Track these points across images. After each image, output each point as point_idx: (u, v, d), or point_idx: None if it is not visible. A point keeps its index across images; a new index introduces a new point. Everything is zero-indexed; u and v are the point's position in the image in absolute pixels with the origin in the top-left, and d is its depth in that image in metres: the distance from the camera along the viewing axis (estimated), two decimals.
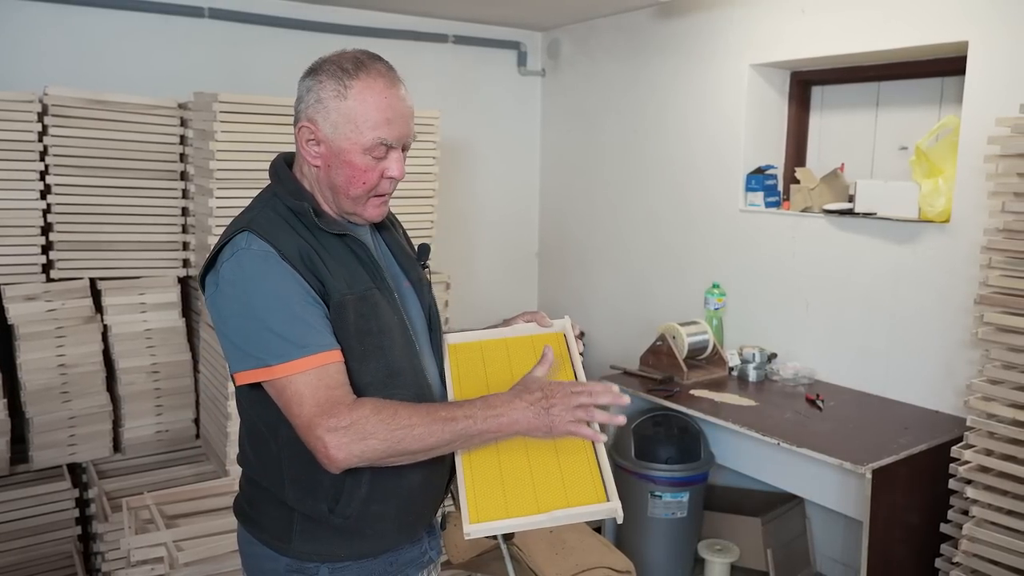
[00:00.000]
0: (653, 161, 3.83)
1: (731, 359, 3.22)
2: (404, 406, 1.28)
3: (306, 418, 1.25)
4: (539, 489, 1.30)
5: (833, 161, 3.29)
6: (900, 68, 3.04)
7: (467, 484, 1.31)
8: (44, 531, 2.73)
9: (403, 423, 1.25)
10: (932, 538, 2.46)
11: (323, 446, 1.23)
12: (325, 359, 1.28)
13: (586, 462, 1.33)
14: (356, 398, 1.28)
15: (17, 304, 2.72)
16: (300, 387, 1.26)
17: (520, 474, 1.32)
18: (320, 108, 1.35)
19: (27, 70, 3.10)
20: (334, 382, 1.28)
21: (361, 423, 1.23)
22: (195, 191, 2.95)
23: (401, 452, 1.26)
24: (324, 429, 1.23)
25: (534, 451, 1.35)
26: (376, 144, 1.35)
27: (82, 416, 2.83)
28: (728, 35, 3.39)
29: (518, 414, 1.28)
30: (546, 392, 1.30)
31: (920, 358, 2.82)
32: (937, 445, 2.48)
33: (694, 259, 3.66)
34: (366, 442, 1.23)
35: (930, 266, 2.77)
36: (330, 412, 1.24)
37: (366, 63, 1.36)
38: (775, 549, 3.08)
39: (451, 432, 1.27)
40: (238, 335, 1.31)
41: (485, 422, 1.27)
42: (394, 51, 3.89)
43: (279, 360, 1.26)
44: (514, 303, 4.55)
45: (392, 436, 1.24)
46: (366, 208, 1.41)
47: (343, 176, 1.37)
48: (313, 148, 1.38)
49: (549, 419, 1.28)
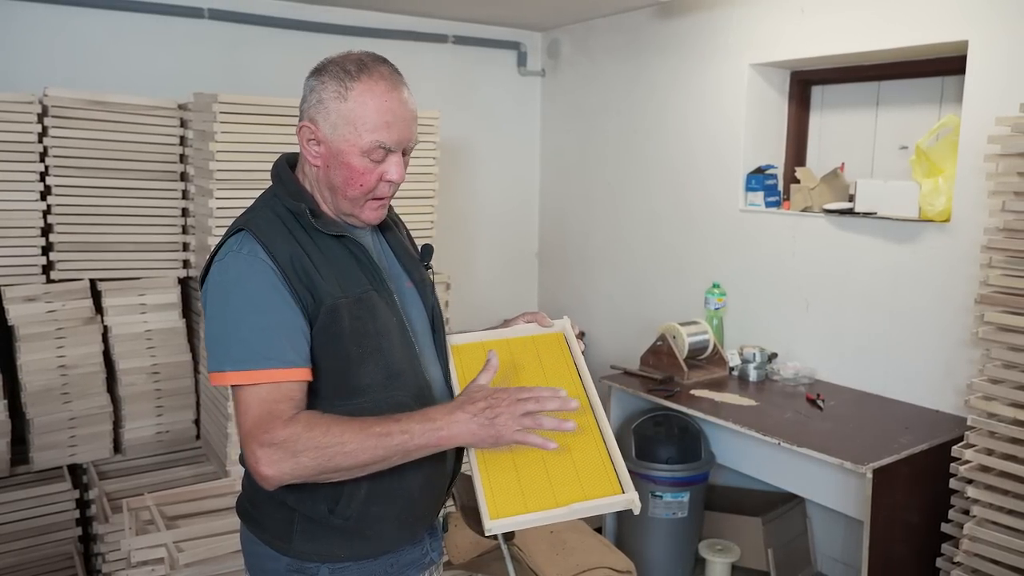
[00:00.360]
0: (653, 161, 3.83)
1: (731, 359, 3.22)
2: (339, 422, 1.25)
3: (245, 430, 1.25)
4: (555, 483, 1.31)
5: (833, 161, 3.29)
6: (900, 68, 3.04)
7: (483, 481, 1.31)
8: (45, 532, 2.73)
9: (335, 440, 1.23)
10: (933, 538, 2.46)
11: (255, 461, 1.22)
12: (283, 375, 1.28)
13: (598, 455, 1.35)
14: (295, 414, 1.26)
15: (17, 305, 2.72)
16: (249, 398, 1.26)
17: (535, 469, 1.33)
18: (321, 108, 1.35)
19: (27, 71, 3.10)
20: (284, 396, 1.27)
21: (293, 440, 1.22)
22: (195, 192, 2.95)
23: (334, 469, 1.24)
24: (257, 444, 1.22)
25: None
26: (374, 147, 1.34)
27: (82, 417, 2.83)
28: (728, 35, 3.39)
29: (459, 427, 1.26)
30: (491, 401, 1.28)
31: (921, 357, 2.82)
32: (938, 445, 2.48)
33: (694, 259, 3.66)
34: (297, 459, 1.22)
35: (930, 265, 2.77)
36: (265, 427, 1.23)
37: (369, 65, 1.35)
38: (776, 549, 3.08)
39: (386, 448, 1.24)
40: (211, 336, 1.33)
41: (423, 436, 1.25)
42: (394, 51, 3.89)
43: (236, 367, 1.27)
44: (514, 303, 4.56)
45: (323, 454, 1.22)
46: (364, 210, 1.41)
47: (341, 177, 1.37)
48: (313, 148, 1.38)
49: (495, 429, 1.26)
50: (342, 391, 1.36)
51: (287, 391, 1.28)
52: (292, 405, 1.27)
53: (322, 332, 1.34)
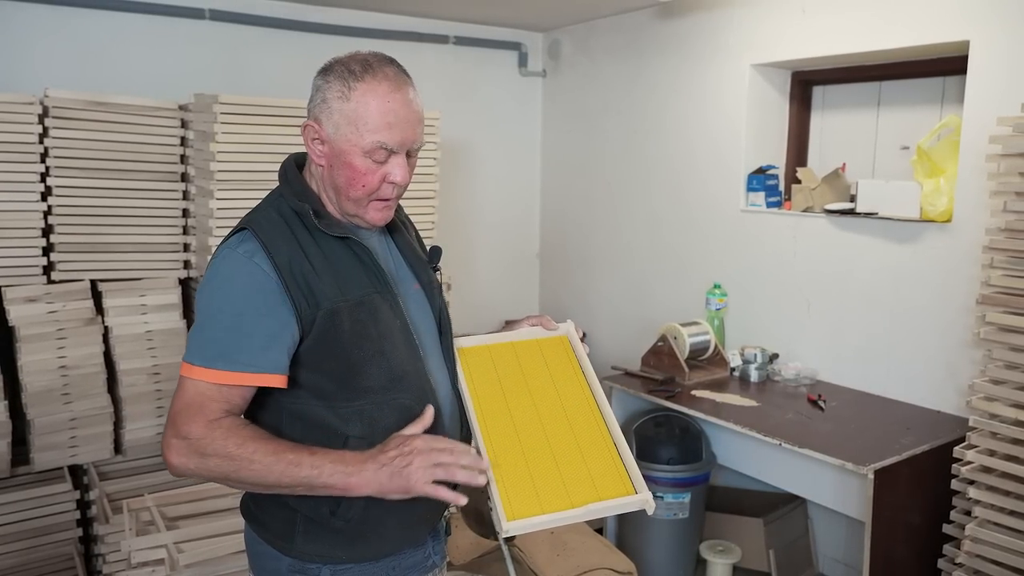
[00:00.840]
0: (654, 161, 3.83)
1: (732, 359, 3.22)
2: (257, 439, 1.26)
3: (171, 415, 1.28)
4: (569, 484, 1.32)
5: (834, 161, 3.29)
6: (901, 68, 3.04)
7: (498, 483, 1.31)
8: (45, 533, 2.72)
9: (245, 454, 1.24)
10: (934, 539, 2.46)
11: (167, 446, 1.27)
12: (239, 379, 1.29)
13: (609, 456, 1.36)
14: (222, 417, 1.28)
15: (18, 306, 2.71)
16: (188, 386, 1.29)
17: (548, 470, 1.34)
18: (324, 108, 1.35)
19: (28, 72, 3.10)
20: (221, 397, 1.29)
21: (206, 441, 1.25)
22: (196, 192, 2.95)
23: (238, 480, 1.27)
24: (174, 431, 1.27)
25: (558, 447, 1.38)
26: (376, 147, 1.34)
27: (83, 418, 2.82)
28: (729, 35, 3.39)
29: (368, 476, 1.26)
30: (403, 450, 1.27)
31: (922, 358, 2.82)
32: (939, 445, 2.48)
33: (695, 259, 3.65)
34: (204, 459, 1.25)
35: (932, 266, 2.76)
36: (187, 419, 1.26)
37: (374, 65, 1.35)
38: (777, 550, 3.07)
39: (291, 477, 1.25)
40: (195, 325, 1.35)
41: (331, 477, 1.25)
42: (395, 52, 3.87)
43: (200, 362, 1.29)
44: (515, 304, 4.56)
45: (230, 464, 1.25)
46: (367, 211, 1.40)
47: (344, 177, 1.37)
48: (317, 147, 1.38)
49: (403, 479, 1.25)
50: (345, 393, 1.36)
51: (227, 394, 1.30)
52: (224, 408, 1.29)
53: (321, 336, 1.34)
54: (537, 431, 1.41)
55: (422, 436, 1.31)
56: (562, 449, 1.37)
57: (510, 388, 1.48)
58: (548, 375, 1.52)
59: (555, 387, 1.50)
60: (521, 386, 1.46)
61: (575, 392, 1.49)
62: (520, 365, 1.52)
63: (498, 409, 1.44)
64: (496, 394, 1.46)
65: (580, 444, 1.37)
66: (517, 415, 1.43)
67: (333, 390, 1.36)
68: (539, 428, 1.42)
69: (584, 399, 1.48)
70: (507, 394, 1.47)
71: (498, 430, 1.40)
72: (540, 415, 1.44)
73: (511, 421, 1.42)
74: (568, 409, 1.46)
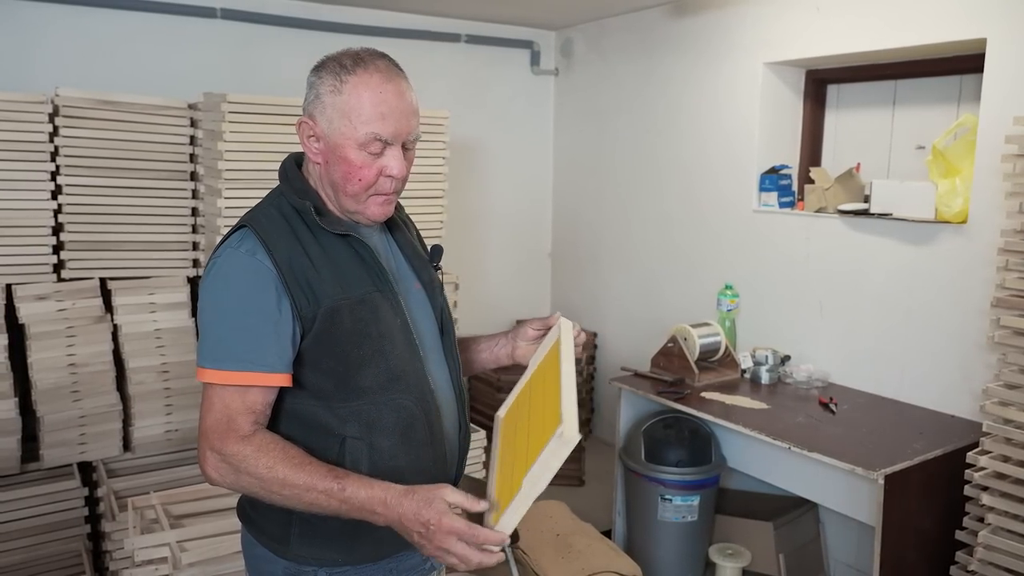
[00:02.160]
0: (666, 161, 3.80)
1: (744, 361, 3.18)
2: (287, 462, 1.25)
3: (203, 429, 1.30)
4: (516, 468, 1.23)
5: (849, 161, 3.24)
6: (917, 66, 2.99)
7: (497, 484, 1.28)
8: (54, 529, 2.73)
9: (276, 478, 1.25)
10: (947, 545, 2.42)
11: (203, 461, 1.30)
12: (253, 379, 1.29)
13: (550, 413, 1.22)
14: (253, 431, 1.28)
15: (28, 304, 2.73)
16: (214, 397, 1.30)
17: (506, 467, 1.29)
18: (318, 104, 1.35)
19: (38, 71, 3.12)
20: (245, 407, 1.29)
21: (240, 459, 1.27)
22: (204, 191, 2.95)
23: (269, 501, 1.29)
24: (208, 447, 1.29)
25: (519, 446, 1.29)
26: (370, 139, 1.33)
27: (92, 415, 2.83)
28: (742, 33, 3.35)
29: (396, 520, 1.23)
30: (428, 533, 1.19)
31: (936, 361, 2.77)
32: (952, 451, 2.44)
33: (707, 260, 3.62)
34: (238, 477, 1.28)
35: (946, 268, 2.72)
36: (221, 436, 1.28)
37: (365, 59, 1.34)
38: (787, 554, 3.04)
39: (320, 507, 1.26)
40: (199, 330, 1.35)
41: (359, 514, 1.25)
42: (406, 51, 3.89)
43: (210, 364, 1.30)
44: (527, 303, 4.55)
45: (260, 485, 1.27)
46: (368, 207, 1.39)
47: (340, 172, 1.36)
48: (313, 144, 1.37)
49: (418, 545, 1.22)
50: (343, 393, 1.35)
51: (251, 401, 1.30)
52: (252, 419, 1.30)
53: (321, 334, 1.33)
54: (522, 440, 1.32)
55: (453, 528, 1.18)
56: (520, 444, 1.29)
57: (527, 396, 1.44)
58: (543, 373, 1.47)
59: (540, 393, 1.42)
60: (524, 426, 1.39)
61: (549, 386, 1.37)
62: (531, 401, 1.46)
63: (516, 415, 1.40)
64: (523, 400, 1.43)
65: (532, 427, 1.27)
66: (520, 423, 1.39)
67: (331, 389, 1.35)
68: (524, 431, 1.33)
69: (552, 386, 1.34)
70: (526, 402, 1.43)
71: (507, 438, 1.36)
72: (528, 419, 1.37)
73: (517, 427, 1.38)
74: (536, 406, 1.36)
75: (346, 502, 1.24)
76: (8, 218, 2.70)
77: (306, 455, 1.29)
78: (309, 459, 1.28)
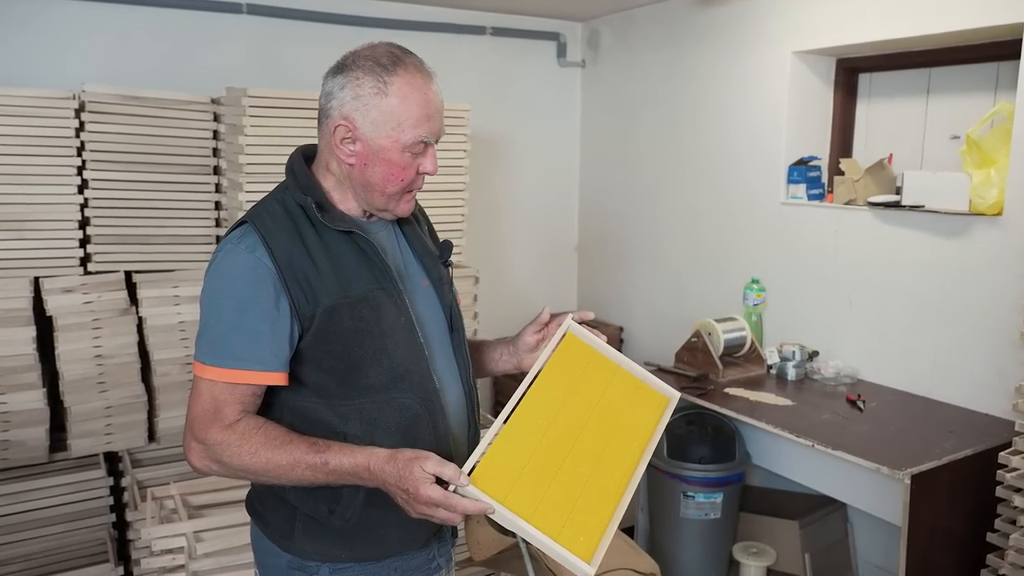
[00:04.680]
0: (693, 153, 3.73)
1: (770, 357, 3.12)
2: (271, 445, 1.27)
3: (189, 419, 1.31)
4: (545, 501, 1.25)
5: (881, 152, 3.15)
6: (952, 53, 2.89)
7: (493, 445, 1.26)
8: (80, 518, 2.79)
9: (259, 463, 1.27)
10: (977, 548, 2.34)
11: (188, 451, 1.32)
12: (248, 378, 1.29)
13: (602, 513, 1.29)
14: (237, 419, 1.29)
15: (55, 296, 2.78)
16: (203, 388, 1.30)
17: (542, 474, 1.27)
18: (359, 105, 1.31)
19: (65, 68, 3.17)
20: (234, 399, 1.30)
21: (222, 448, 1.28)
22: (227, 185, 2.98)
23: (256, 482, 1.34)
24: (192, 435, 1.30)
25: (569, 462, 1.31)
26: (417, 142, 1.33)
27: (118, 406, 2.88)
28: (770, 22, 3.28)
29: (376, 482, 1.25)
30: (407, 496, 1.22)
31: (969, 358, 2.68)
32: (984, 450, 2.35)
33: (734, 253, 3.55)
34: (222, 463, 1.29)
35: (981, 261, 2.63)
36: (206, 426, 1.29)
37: (402, 58, 1.33)
38: (813, 554, 2.97)
39: (309, 482, 1.28)
40: (200, 324, 1.34)
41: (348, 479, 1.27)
42: (431, 44, 3.88)
43: (205, 359, 1.30)
44: (553, 297, 4.51)
45: (246, 472, 1.29)
46: (399, 204, 1.39)
47: (380, 174, 1.34)
48: (348, 147, 1.34)
49: (406, 505, 1.23)
50: (345, 391, 1.34)
51: (240, 394, 1.30)
52: (239, 409, 1.30)
53: (321, 333, 1.32)
54: (565, 443, 1.33)
55: (430, 499, 1.20)
56: (573, 465, 1.31)
57: (576, 397, 1.39)
58: (626, 413, 1.44)
59: (619, 426, 1.41)
60: (589, 402, 1.39)
61: (632, 441, 1.41)
62: (605, 389, 1.44)
63: (545, 404, 1.36)
64: (558, 393, 1.38)
65: (594, 474, 1.31)
66: (561, 420, 1.35)
67: (333, 388, 1.34)
68: (569, 441, 1.34)
69: (632, 451, 1.39)
70: (568, 400, 1.39)
71: (526, 418, 1.32)
72: (580, 434, 1.36)
73: (551, 419, 1.34)
74: (609, 448, 1.37)
75: (332, 473, 1.26)
76: (36, 212, 2.75)
77: (288, 433, 1.29)
78: (291, 437, 1.29)
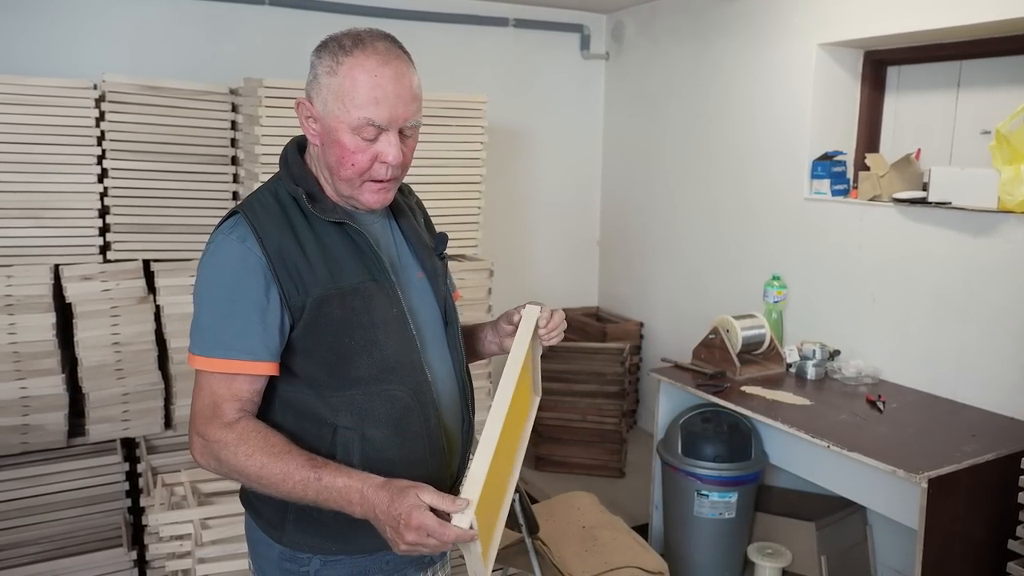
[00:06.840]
0: (716, 147, 3.68)
1: (789, 355, 3.06)
2: (266, 451, 1.25)
3: (192, 413, 1.32)
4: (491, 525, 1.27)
5: (909, 147, 3.08)
6: (984, 45, 2.81)
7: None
8: (97, 502, 2.83)
9: (253, 468, 1.25)
10: (998, 555, 2.28)
11: (191, 445, 1.32)
12: (238, 367, 1.29)
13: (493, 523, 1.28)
14: (237, 418, 1.28)
15: (75, 284, 2.81)
16: (203, 383, 1.31)
17: (493, 497, 1.27)
18: (315, 85, 1.32)
19: (85, 58, 3.21)
20: (231, 394, 1.29)
21: (219, 446, 1.27)
22: (244, 175, 2.99)
23: (248, 486, 1.32)
24: (194, 430, 1.31)
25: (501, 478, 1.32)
26: (363, 124, 1.29)
27: (135, 393, 2.91)
28: (796, 13, 3.21)
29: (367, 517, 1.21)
30: (398, 528, 1.15)
31: (994, 360, 2.60)
32: (1007, 455, 2.29)
33: (755, 249, 3.49)
34: (219, 462, 1.29)
35: (1009, 260, 2.55)
36: (206, 421, 1.29)
37: (365, 40, 1.31)
38: (830, 556, 2.91)
39: (299, 498, 1.25)
40: (193, 315, 1.34)
41: (335, 505, 1.23)
42: (453, 36, 3.86)
43: (199, 351, 1.31)
44: (574, 292, 4.49)
45: (240, 474, 1.28)
46: (362, 193, 1.36)
47: (334, 156, 1.33)
48: (311, 125, 1.35)
49: (391, 541, 1.18)
50: (336, 382, 1.33)
51: (237, 388, 1.30)
52: (237, 407, 1.30)
53: (311, 324, 1.31)
54: (505, 455, 1.34)
55: (422, 524, 1.13)
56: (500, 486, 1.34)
57: (516, 402, 1.36)
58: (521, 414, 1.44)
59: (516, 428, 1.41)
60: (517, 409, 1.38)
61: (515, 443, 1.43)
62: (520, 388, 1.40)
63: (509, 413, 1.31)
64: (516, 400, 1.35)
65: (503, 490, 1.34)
66: (506, 430, 1.30)
67: (324, 379, 1.33)
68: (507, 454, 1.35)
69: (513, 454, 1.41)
70: (513, 407, 1.34)
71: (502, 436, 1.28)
72: (508, 444, 1.35)
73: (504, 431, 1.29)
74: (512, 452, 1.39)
75: (323, 492, 1.22)
76: (56, 200, 2.78)
77: (288, 444, 1.27)
78: (289, 448, 1.26)
